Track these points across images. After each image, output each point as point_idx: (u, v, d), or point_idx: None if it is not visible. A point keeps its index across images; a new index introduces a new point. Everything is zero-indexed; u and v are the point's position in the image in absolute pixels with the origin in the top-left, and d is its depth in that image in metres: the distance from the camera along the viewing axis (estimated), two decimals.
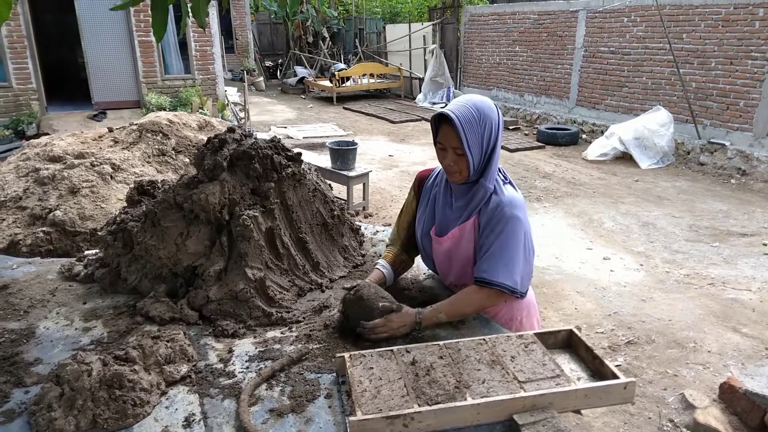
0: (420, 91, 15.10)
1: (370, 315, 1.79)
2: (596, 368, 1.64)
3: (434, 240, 2.00)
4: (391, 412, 1.37)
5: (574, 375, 1.63)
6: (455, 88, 14.49)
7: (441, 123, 1.80)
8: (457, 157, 1.80)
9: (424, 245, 2.08)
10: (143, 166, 4.41)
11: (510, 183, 1.93)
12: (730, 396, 3.08)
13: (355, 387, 1.47)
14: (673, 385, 3.40)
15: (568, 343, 1.79)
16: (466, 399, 1.43)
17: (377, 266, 2.12)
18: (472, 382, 1.50)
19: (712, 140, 8.44)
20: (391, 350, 1.64)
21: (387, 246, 2.25)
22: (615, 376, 1.54)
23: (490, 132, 1.79)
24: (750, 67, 7.94)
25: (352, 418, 1.35)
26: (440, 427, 1.40)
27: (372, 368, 1.55)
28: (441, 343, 1.68)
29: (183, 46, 11.27)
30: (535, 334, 1.75)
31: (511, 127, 11.52)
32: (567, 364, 1.70)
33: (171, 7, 2.25)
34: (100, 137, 4.91)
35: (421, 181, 2.14)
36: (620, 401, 1.55)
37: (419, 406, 1.40)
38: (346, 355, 1.61)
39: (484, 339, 1.70)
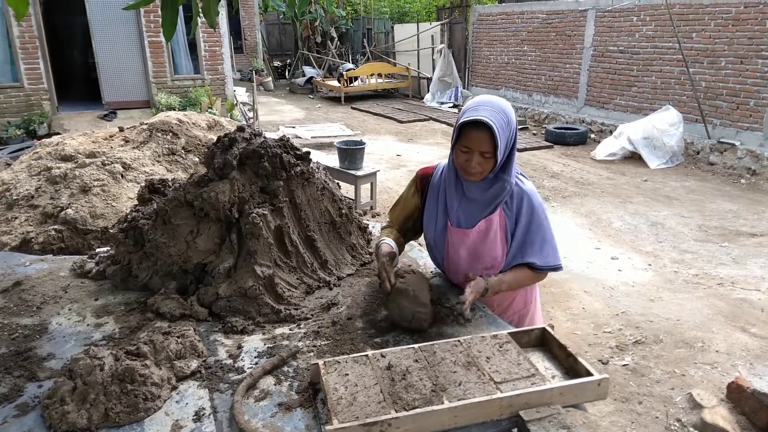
0: (428, 90, 15.10)
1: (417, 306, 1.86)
2: (570, 365, 1.64)
3: (455, 233, 2.01)
4: (368, 419, 1.35)
5: (548, 373, 1.63)
6: (463, 88, 14.48)
7: (468, 127, 1.79)
8: (483, 159, 1.82)
9: (437, 242, 2.09)
10: (153, 165, 4.45)
11: (522, 174, 2.02)
12: (737, 396, 3.07)
13: (331, 395, 1.45)
14: (681, 384, 3.39)
15: (542, 341, 1.79)
16: (443, 402, 1.42)
17: (385, 242, 2.10)
18: (449, 385, 1.49)
19: (721, 140, 8.39)
20: (366, 355, 1.62)
21: (383, 229, 2.27)
22: (589, 373, 1.54)
23: (513, 133, 1.85)
24: (760, 66, 7.89)
25: (328, 427, 1.33)
26: None
27: (347, 375, 1.53)
28: (416, 346, 1.67)
29: (192, 46, 11.33)
30: (509, 333, 1.75)
31: (519, 127, 11.47)
32: (541, 362, 1.70)
33: (181, 7, 2.28)
34: (110, 137, 4.96)
35: (424, 179, 2.14)
36: (594, 398, 1.55)
37: (396, 411, 1.38)
38: (320, 362, 1.58)
39: (459, 340, 1.70)
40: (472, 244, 2.00)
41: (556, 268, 2.01)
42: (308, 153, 2.44)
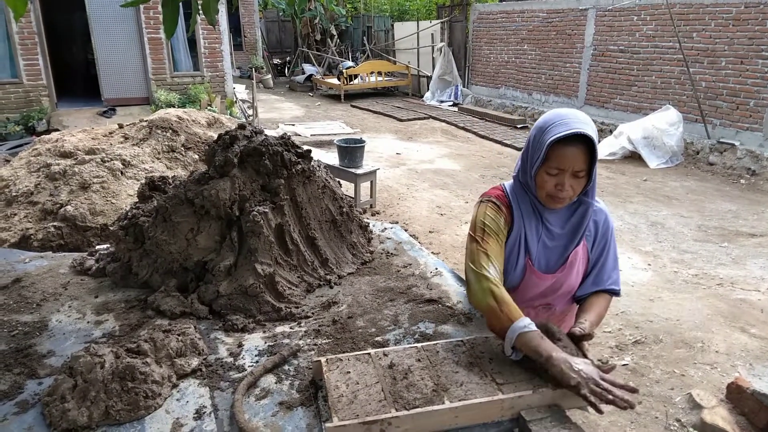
0: (428, 89, 15.09)
1: None
2: None
3: (538, 276, 1.78)
4: (368, 418, 1.35)
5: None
6: (463, 87, 14.47)
7: (560, 144, 1.57)
8: (575, 180, 1.61)
9: (512, 280, 1.80)
10: (153, 162, 4.44)
11: None
12: (737, 396, 3.07)
13: (332, 392, 1.45)
14: (681, 384, 3.39)
15: None
16: (444, 402, 1.41)
17: (531, 329, 1.51)
18: (450, 385, 1.48)
19: (721, 140, 8.39)
20: (369, 354, 1.61)
21: (495, 289, 1.61)
22: None
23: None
24: (761, 66, 7.89)
25: (328, 425, 1.33)
26: (418, 431, 1.39)
27: (349, 372, 1.52)
28: (419, 345, 1.66)
29: (192, 43, 11.32)
30: None
31: (519, 126, 11.50)
32: None
33: (181, 4, 2.27)
34: (110, 133, 4.95)
35: (509, 209, 1.77)
36: None
37: (396, 410, 1.38)
38: (323, 359, 1.57)
39: (462, 341, 1.69)
40: (555, 283, 1.79)
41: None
42: (309, 151, 2.44)
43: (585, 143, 1.56)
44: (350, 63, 17.27)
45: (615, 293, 1.82)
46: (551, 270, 1.78)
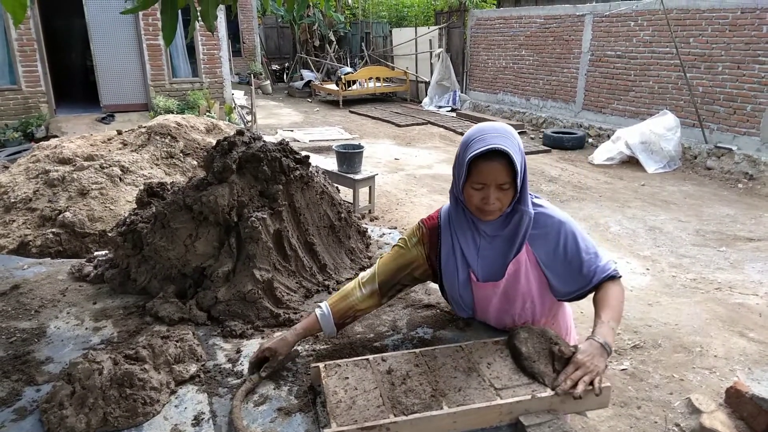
0: (426, 94, 15.13)
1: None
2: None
3: (482, 287, 1.77)
4: (366, 423, 1.35)
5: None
6: (461, 92, 14.51)
7: (480, 160, 1.59)
8: (501, 192, 1.62)
9: (463, 296, 1.82)
10: (152, 168, 4.45)
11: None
12: (736, 400, 3.07)
13: (330, 398, 1.45)
14: (680, 389, 3.39)
15: None
16: (442, 407, 1.42)
17: (317, 312, 1.76)
18: (449, 390, 1.48)
19: (719, 145, 8.41)
20: (367, 359, 1.62)
21: (353, 287, 1.82)
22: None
23: (523, 156, 1.66)
24: (757, 71, 7.92)
25: (326, 430, 1.34)
26: None
27: (347, 378, 1.53)
28: (417, 350, 1.66)
29: (191, 49, 11.35)
30: None
31: (517, 131, 11.53)
32: None
33: (180, 10, 2.28)
34: (109, 140, 4.95)
35: (433, 231, 1.83)
36: (596, 406, 1.53)
37: (395, 416, 1.38)
38: (321, 365, 1.58)
39: (460, 346, 1.69)
40: (503, 292, 1.77)
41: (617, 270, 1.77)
42: (307, 157, 2.44)
43: (505, 156, 1.58)
44: (349, 69, 17.31)
45: (613, 278, 1.74)
46: (495, 279, 1.75)
